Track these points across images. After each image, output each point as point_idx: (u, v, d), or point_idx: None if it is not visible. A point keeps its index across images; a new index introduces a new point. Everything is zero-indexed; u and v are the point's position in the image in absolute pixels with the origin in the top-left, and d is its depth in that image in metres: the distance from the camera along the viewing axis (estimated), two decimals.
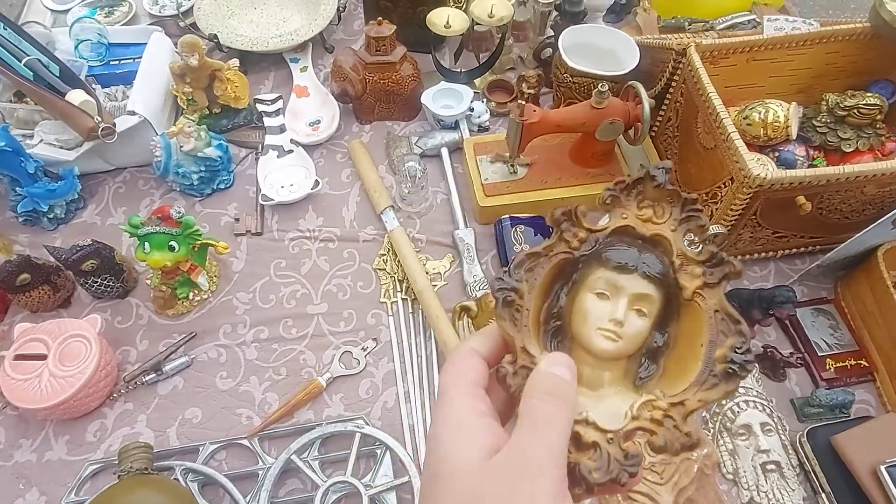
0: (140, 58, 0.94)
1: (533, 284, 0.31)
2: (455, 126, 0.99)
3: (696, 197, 0.32)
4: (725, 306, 0.30)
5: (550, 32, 1.04)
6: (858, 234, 0.75)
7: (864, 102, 0.84)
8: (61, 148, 0.88)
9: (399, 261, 0.86)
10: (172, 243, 0.75)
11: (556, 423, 0.26)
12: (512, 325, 0.30)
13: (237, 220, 0.91)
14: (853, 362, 0.79)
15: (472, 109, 0.98)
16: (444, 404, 0.29)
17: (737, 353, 0.29)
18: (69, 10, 1.18)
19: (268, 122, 0.99)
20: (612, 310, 0.31)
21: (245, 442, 0.72)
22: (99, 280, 0.79)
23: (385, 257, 0.88)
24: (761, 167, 0.72)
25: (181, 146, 0.86)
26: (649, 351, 0.32)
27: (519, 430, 0.26)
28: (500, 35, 1.02)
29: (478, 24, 0.99)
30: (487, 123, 1.01)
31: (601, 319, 0.31)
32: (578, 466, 0.27)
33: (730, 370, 0.29)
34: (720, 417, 0.74)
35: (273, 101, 1.01)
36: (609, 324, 0.31)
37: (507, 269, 0.30)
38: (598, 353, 0.31)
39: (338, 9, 1.07)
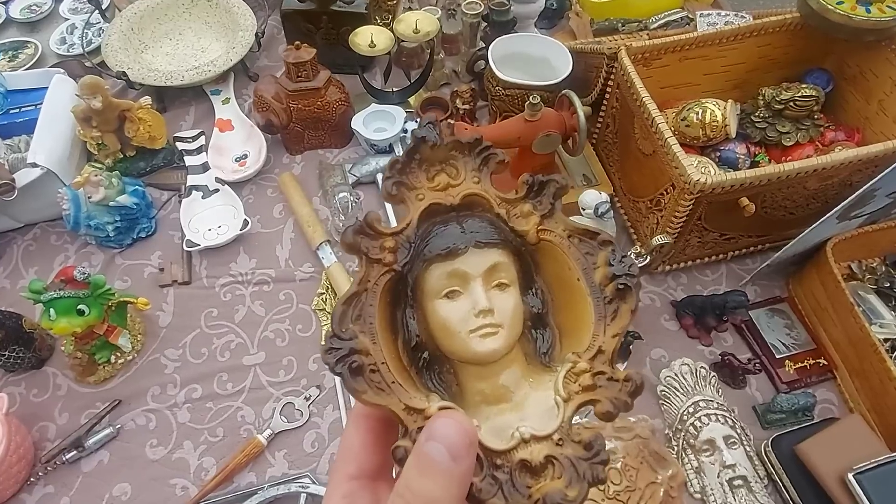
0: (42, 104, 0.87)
1: (372, 331, 0.24)
2: (390, 149, 0.94)
3: (480, 136, 0.28)
4: (574, 226, 0.27)
5: (482, 44, 1.01)
6: (805, 232, 0.73)
7: (799, 94, 0.82)
8: None
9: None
10: (81, 307, 0.68)
11: None
12: (377, 392, 0.23)
13: (161, 269, 0.84)
14: (812, 361, 0.77)
15: (405, 131, 0.94)
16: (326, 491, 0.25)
17: (613, 264, 0.25)
18: None
19: (189, 160, 0.93)
20: (471, 303, 0.25)
21: None
22: (7, 352, 0.72)
23: (324, 296, 0.83)
24: (701, 172, 0.69)
25: (89, 197, 0.79)
26: (533, 319, 0.27)
27: None
28: (429, 50, 0.98)
29: (403, 41, 0.95)
30: None
31: (467, 320, 0.25)
32: (545, 498, 0.22)
33: (619, 286, 0.25)
34: (683, 434, 0.71)
35: (194, 138, 0.95)
36: (478, 319, 0.25)
37: (331, 332, 0.24)
38: (487, 358, 0.25)
39: (256, 34, 1.01)
